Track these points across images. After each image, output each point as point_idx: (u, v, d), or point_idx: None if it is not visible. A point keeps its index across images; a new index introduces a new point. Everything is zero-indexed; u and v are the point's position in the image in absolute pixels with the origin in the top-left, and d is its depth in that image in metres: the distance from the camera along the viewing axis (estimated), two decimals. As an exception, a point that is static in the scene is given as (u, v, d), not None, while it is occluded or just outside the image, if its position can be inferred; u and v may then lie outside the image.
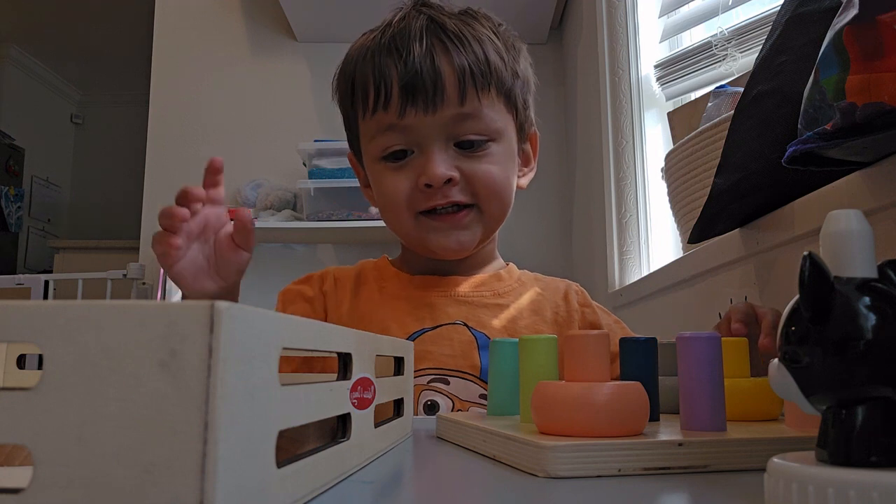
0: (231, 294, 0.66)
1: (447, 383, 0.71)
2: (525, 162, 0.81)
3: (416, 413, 0.69)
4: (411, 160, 0.71)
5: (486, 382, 0.70)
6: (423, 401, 0.70)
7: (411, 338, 0.72)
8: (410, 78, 0.68)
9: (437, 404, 0.70)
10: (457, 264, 0.78)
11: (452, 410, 0.70)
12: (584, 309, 0.81)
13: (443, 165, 0.69)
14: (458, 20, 0.72)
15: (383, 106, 0.69)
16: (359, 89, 0.71)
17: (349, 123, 0.77)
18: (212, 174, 0.64)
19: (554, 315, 0.78)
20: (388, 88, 0.69)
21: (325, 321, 0.72)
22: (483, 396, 0.71)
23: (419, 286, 0.77)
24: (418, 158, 0.70)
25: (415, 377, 0.69)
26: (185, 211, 0.59)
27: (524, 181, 0.81)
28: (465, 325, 0.73)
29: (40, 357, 0.18)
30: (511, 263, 0.84)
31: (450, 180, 0.69)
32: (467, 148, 0.71)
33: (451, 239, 0.72)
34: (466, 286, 0.77)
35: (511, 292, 0.79)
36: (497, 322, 0.75)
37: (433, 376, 0.71)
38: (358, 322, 0.73)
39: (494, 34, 0.73)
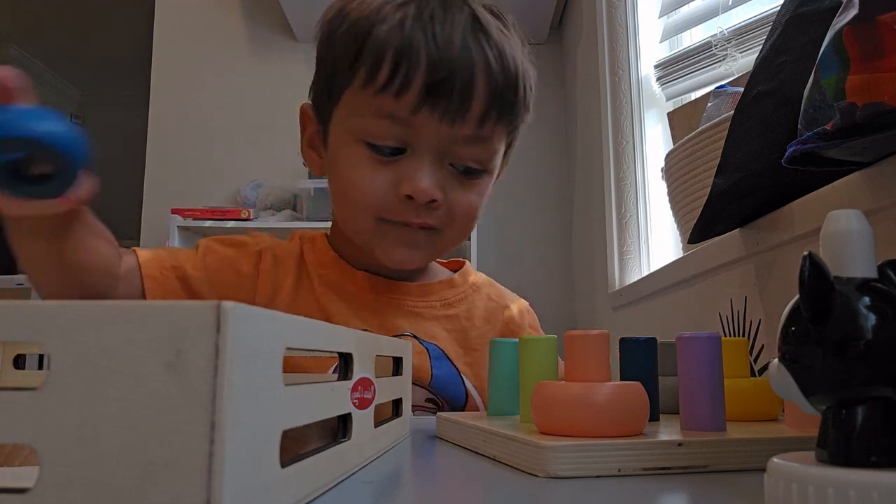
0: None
1: None
2: None
3: None
4: (400, 161, 0.61)
5: (435, 389, 0.68)
6: None
7: None
8: (442, 80, 0.58)
9: None
10: (403, 270, 0.71)
11: None
12: (531, 331, 0.77)
13: (431, 181, 0.61)
14: (498, 29, 0.62)
15: (396, 93, 0.59)
16: (369, 56, 0.60)
17: (329, 77, 0.65)
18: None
19: (503, 326, 0.74)
20: (411, 77, 0.58)
21: (252, 304, 0.68)
22: (430, 400, 0.68)
23: (365, 286, 0.70)
24: (408, 162, 0.61)
25: None
26: None
27: None
28: (415, 336, 0.68)
29: (40, 357, 0.18)
30: (467, 264, 0.79)
31: (433, 201, 0.62)
32: (461, 172, 0.64)
33: (400, 252, 0.65)
34: (416, 295, 0.71)
35: (463, 300, 0.73)
36: (446, 334, 0.70)
37: None
38: (298, 313, 0.68)
39: (527, 60, 0.65)
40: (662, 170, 1.01)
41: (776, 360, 0.23)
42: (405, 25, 0.59)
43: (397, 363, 0.45)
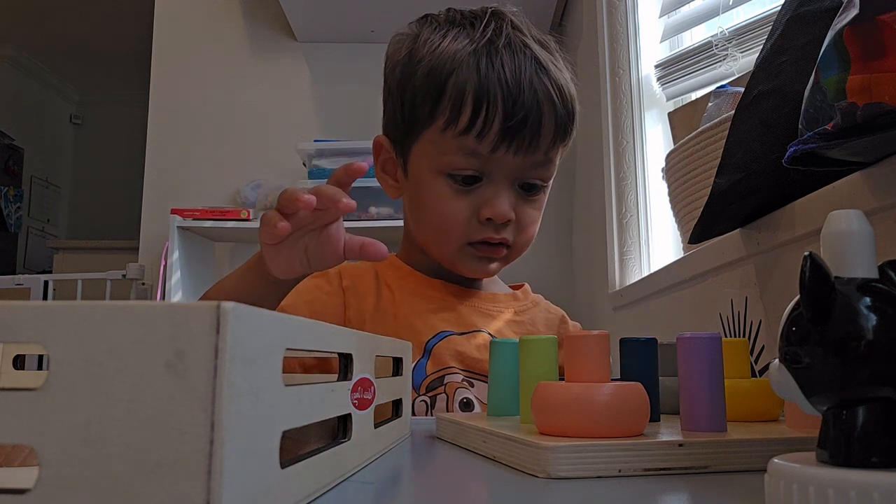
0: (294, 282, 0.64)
1: (472, 386, 0.72)
2: None
3: (451, 409, 0.70)
4: (478, 188, 0.70)
5: None
6: (459, 398, 0.71)
7: (439, 336, 0.73)
8: (517, 123, 0.67)
9: (472, 402, 0.71)
10: (470, 280, 0.79)
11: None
12: None
13: (507, 204, 0.70)
14: (552, 63, 0.71)
15: (478, 134, 0.67)
16: (450, 100, 0.68)
17: (408, 119, 0.73)
18: (349, 175, 0.58)
19: (561, 339, 0.81)
20: (490, 122, 0.67)
21: (344, 316, 0.73)
22: None
23: (440, 289, 0.77)
24: (485, 189, 0.70)
25: (448, 374, 0.71)
26: (311, 199, 0.52)
27: None
28: (490, 334, 0.75)
29: (40, 357, 0.18)
30: (526, 285, 0.87)
31: (509, 221, 0.71)
32: (527, 190, 0.72)
33: (481, 266, 0.74)
34: (487, 301, 0.79)
35: (528, 311, 0.81)
36: (514, 336, 0.76)
37: (463, 377, 0.72)
38: (382, 317, 0.74)
39: (571, 81, 0.74)
40: (663, 170, 1.01)
41: (777, 360, 0.23)
42: (480, 73, 0.67)
43: (397, 363, 0.45)
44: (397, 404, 0.45)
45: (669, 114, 1.17)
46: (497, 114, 0.67)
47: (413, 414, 0.70)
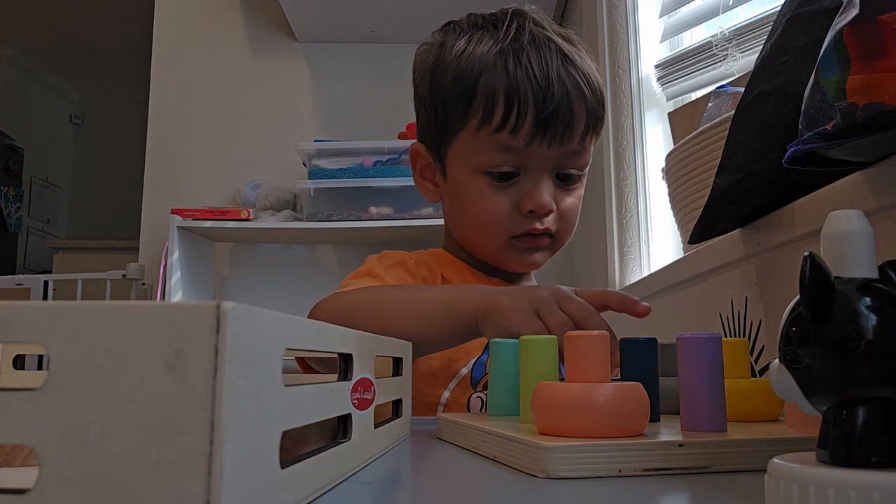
0: None
1: None
2: None
3: None
4: (516, 182, 0.72)
5: None
6: None
7: None
8: (549, 114, 0.68)
9: None
10: (517, 275, 0.82)
11: None
12: None
13: (547, 195, 0.72)
14: (578, 56, 0.73)
15: (512, 130, 0.69)
16: (482, 101, 0.70)
17: (442, 124, 0.75)
18: (627, 310, 0.63)
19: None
20: (523, 116, 0.69)
21: None
22: None
23: (498, 286, 0.78)
24: (524, 182, 0.72)
25: None
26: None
27: None
28: None
29: (40, 357, 0.18)
30: None
31: (550, 211, 0.73)
32: (564, 180, 0.74)
33: (527, 257, 0.76)
34: None
35: None
36: None
37: None
38: None
39: (597, 71, 0.75)
40: (663, 170, 1.01)
41: (777, 360, 0.23)
42: (508, 71, 0.69)
43: (397, 363, 0.45)
44: (397, 404, 0.45)
45: (669, 114, 1.17)
46: (529, 108, 0.68)
47: (468, 410, 0.70)
